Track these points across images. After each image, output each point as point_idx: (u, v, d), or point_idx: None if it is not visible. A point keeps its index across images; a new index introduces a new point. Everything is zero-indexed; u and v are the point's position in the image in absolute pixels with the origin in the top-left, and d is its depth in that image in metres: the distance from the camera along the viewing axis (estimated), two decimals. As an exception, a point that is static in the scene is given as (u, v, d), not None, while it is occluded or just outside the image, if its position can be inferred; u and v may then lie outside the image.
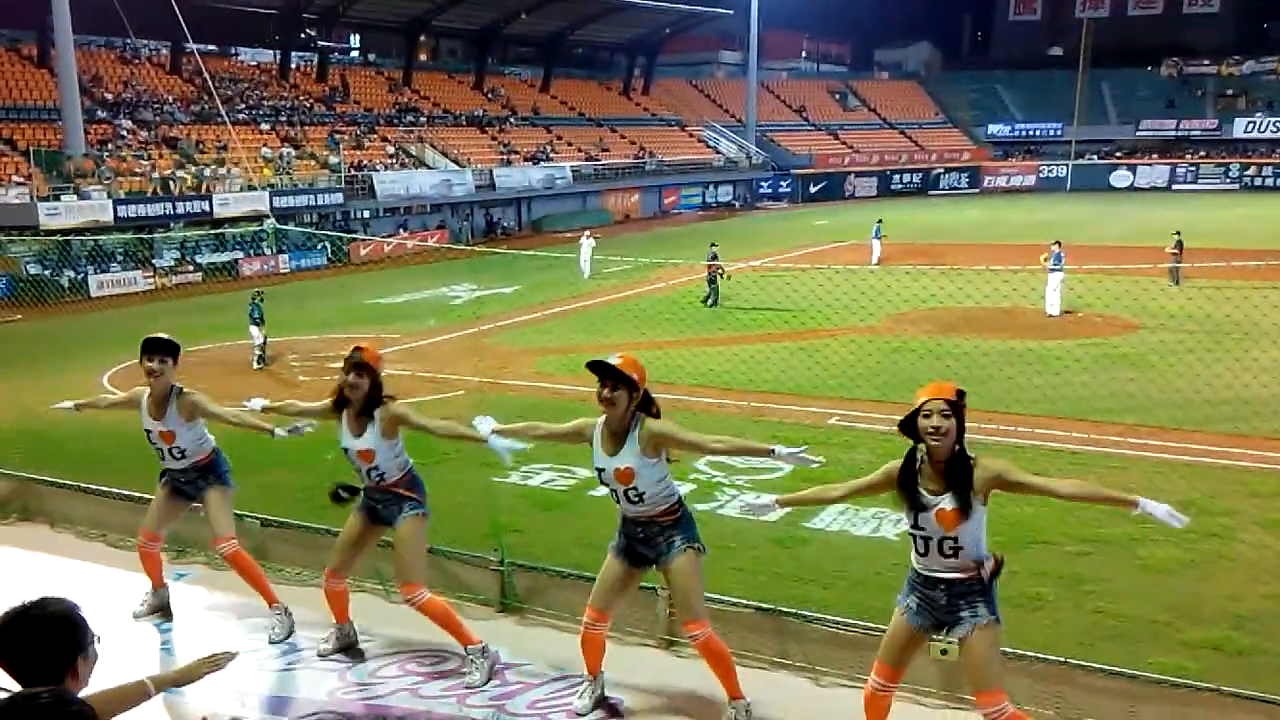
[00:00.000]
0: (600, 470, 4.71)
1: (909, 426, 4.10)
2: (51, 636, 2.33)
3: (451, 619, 5.37)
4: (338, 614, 5.66)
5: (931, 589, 4.16)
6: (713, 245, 21.06)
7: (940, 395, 4.03)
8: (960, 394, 4.09)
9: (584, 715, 4.93)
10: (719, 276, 20.15)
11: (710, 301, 20.24)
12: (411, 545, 5.34)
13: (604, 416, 4.67)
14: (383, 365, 5.35)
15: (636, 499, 4.66)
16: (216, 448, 5.98)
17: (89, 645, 2.40)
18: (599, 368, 4.60)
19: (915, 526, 4.12)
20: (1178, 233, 22.22)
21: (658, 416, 4.67)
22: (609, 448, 4.65)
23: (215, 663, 2.72)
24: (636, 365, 4.64)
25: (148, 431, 5.79)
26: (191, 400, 5.71)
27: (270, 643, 5.75)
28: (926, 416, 4.00)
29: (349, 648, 5.65)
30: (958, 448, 4.05)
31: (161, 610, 6.18)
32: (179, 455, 5.81)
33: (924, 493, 4.07)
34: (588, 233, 25.92)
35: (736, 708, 4.79)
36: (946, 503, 4.02)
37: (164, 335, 5.78)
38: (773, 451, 4.62)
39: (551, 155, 43.35)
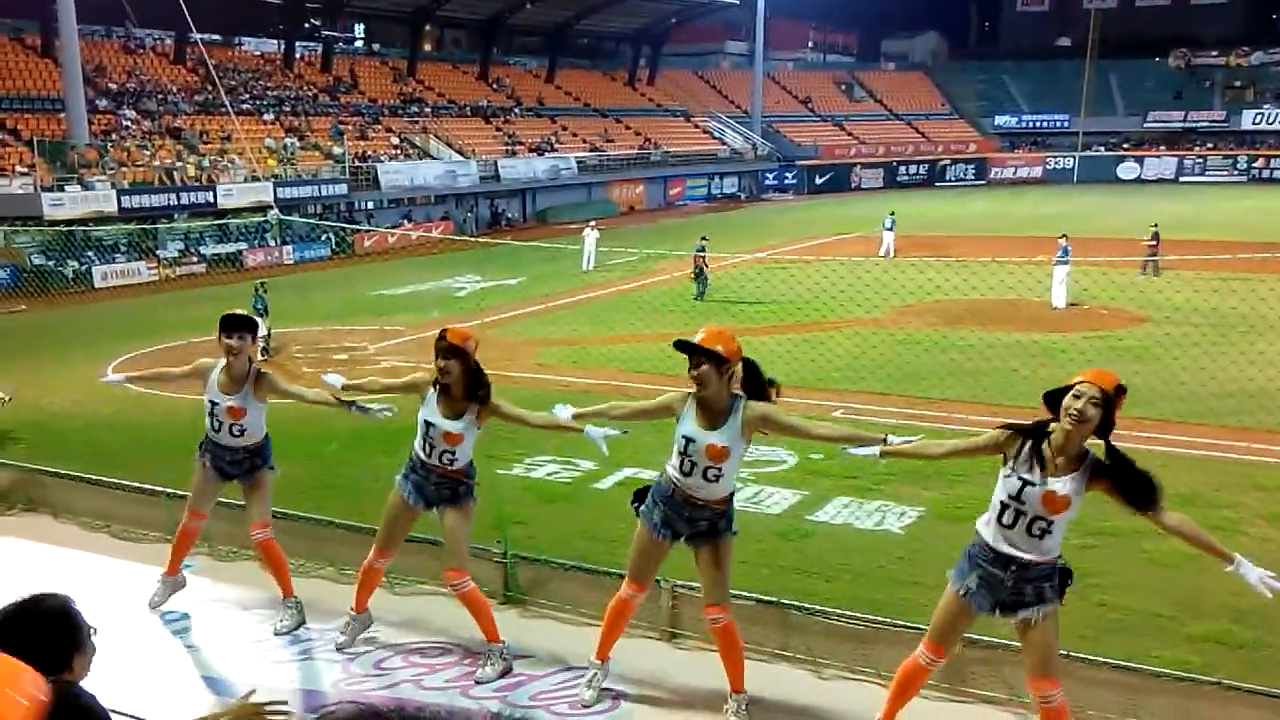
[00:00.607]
0: (689, 440, 4.54)
1: (1053, 400, 3.97)
2: (49, 632, 2.34)
3: (486, 610, 5.37)
4: (360, 601, 5.59)
5: (1001, 568, 4.05)
6: (703, 239, 20.84)
7: (1098, 383, 3.89)
8: (1120, 389, 3.92)
9: (590, 706, 4.91)
10: (705, 269, 20.08)
11: (698, 294, 20.19)
12: (464, 530, 5.33)
13: (694, 391, 4.57)
14: (474, 345, 5.20)
15: (715, 478, 4.57)
16: (268, 434, 5.97)
17: (86, 640, 2.42)
18: (683, 346, 4.52)
19: (1014, 497, 3.98)
20: (1155, 225, 22.36)
21: (769, 399, 4.59)
22: (705, 422, 4.54)
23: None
24: (723, 337, 4.52)
25: (212, 404, 5.74)
26: (270, 380, 5.73)
27: (275, 634, 5.77)
28: (1077, 398, 3.88)
29: (358, 637, 5.64)
30: (1104, 445, 3.93)
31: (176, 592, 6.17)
32: (239, 433, 5.77)
33: (1038, 471, 3.95)
34: (592, 224, 25.88)
35: (738, 700, 4.79)
36: (1061, 487, 3.92)
37: (241, 312, 5.82)
38: (885, 439, 4.42)
39: (556, 146, 43.27)
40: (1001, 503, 4.05)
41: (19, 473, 8.05)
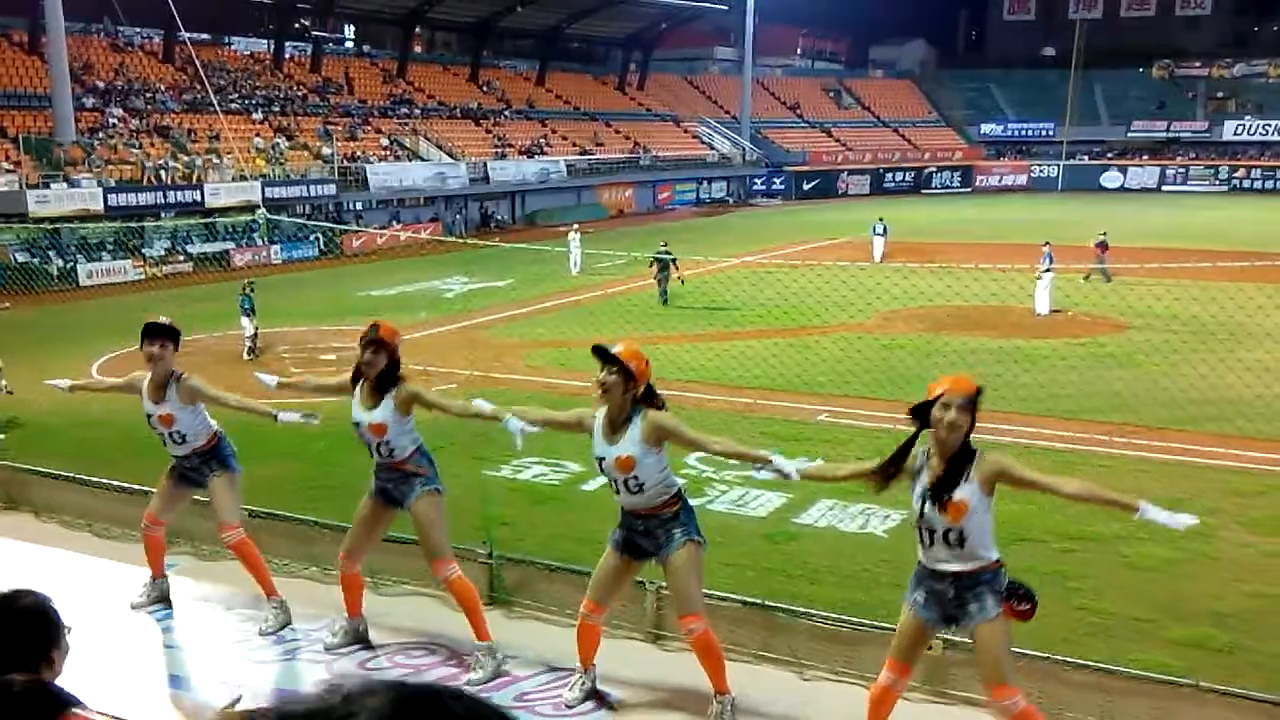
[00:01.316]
0: (600, 459, 4.70)
1: (921, 413, 4.09)
2: (24, 630, 2.35)
3: (476, 606, 5.37)
4: (350, 605, 5.58)
5: (939, 581, 4.14)
6: (663, 244, 20.58)
7: (961, 390, 4.02)
8: (978, 390, 4.09)
9: (573, 707, 4.95)
10: (670, 274, 19.93)
11: (663, 299, 20.02)
12: (432, 522, 5.33)
13: (604, 407, 4.68)
14: (399, 341, 5.35)
15: (637, 489, 4.66)
16: (219, 433, 5.93)
17: (62, 638, 2.42)
18: (599, 353, 4.62)
19: (920, 518, 4.11)
20: (1103, 232, 22.74)
21: (662, 409, 4.69)
22: (609, 436, 4.65)
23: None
24: (638, 356, 4.65)
25: (148, 415, 5.78)
26: (190, 385, 5.70)
27: (260, 634, 5.76)
28: (945, 408, 3.99)
29: (356, 642, 5.59)
30: (961, 444, 4.06)
31: (162, 600, 6.16)
32: (179, 440, 5.78)
33: (927, 484, 4.07)
34: (575, 227, 25.87)
35: (722, 702, 4.82)
36: (955, 494, 4.01)
37: (164, 320, 5.80)
38: (770, 461, 4.59)
39: (546, 149, 43.29)
40: (915, 526, 4.19)
41: (0, 471, 8.00)
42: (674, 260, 19.94)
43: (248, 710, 2.42)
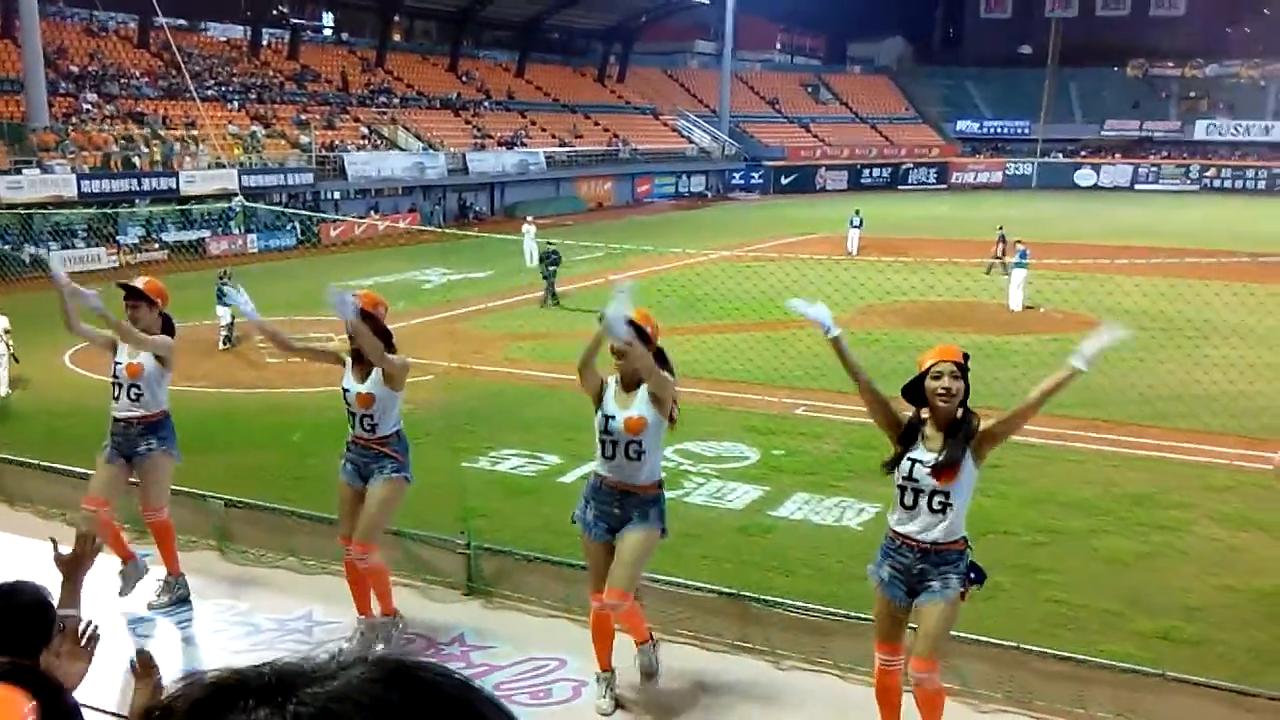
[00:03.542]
0: (609, 418, 4.70)
1: (914, 391, 4.14)
2: (23, 621, 2.36)
3: (386, 586, 5.46)
4: (358, 600, 5.49)
5: (908, 554, 4.17)
6: (549, 244, 19.89)
7: (950, 357, 4.10)
8: (966, 356, 4.17)
9: (608, 715, 4.88)
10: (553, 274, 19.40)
11: (549, 300, 19.47)
12: (383, 505, 5.30)
13: (617, 373, 4.74)
14: (384, 310, 5.35)
15: (636, 455, 4.67)
16: (168, 412, 5.94)
17: (56, 630, 2.44)
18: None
19: (908, 478, 4.12)
20: (1001, 227, 23.40)
21: (671, 373, 4.77)
22: (622, 399, 4.72)
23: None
24: (649, 318, 4.76)
25: (116, 364, 5.81)
26: (167, 340, 5.81)
27: (148, 607, 5.79)
28: (937, 378, 4.06)
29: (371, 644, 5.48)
30: (961, 409, 4.11)
31: (183, 600, 6.05)
32: (134, 397, 5.77)
33: (923, 448, 4.12)
34: (530, 219, 25.77)
35: (644, 651, 4.98)
36: (944, 457, 4.07)
37: (136, 283, 5.88)
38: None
39: (525, 140, 43.13)
40: (899, 486, 4.19)
41: (-27, 459, 7.92)
42: (559, 259, 19.31)
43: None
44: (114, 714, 3.03)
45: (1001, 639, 5.06)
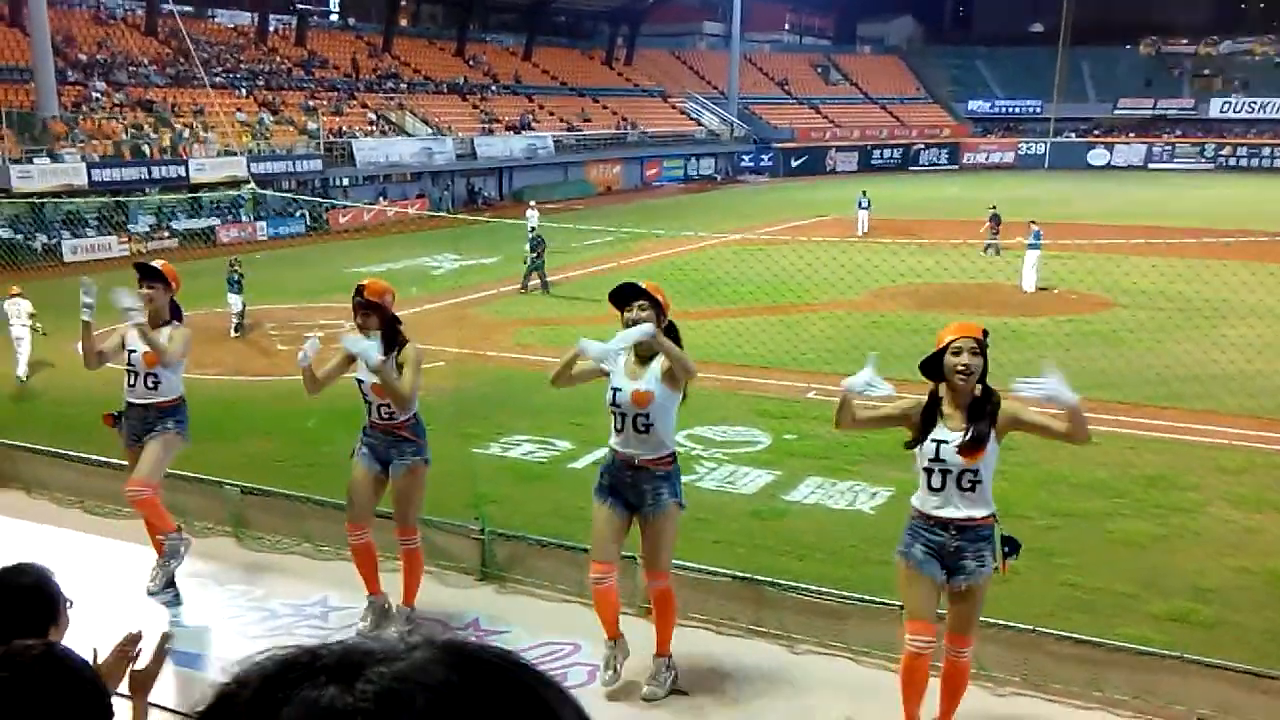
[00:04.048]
0: (616, 390, 4.65)
1: (932, 367, 4.11)
2: (26, 604, 2.37)
3: (419, 577, 5.57)
4: (368, 580, 5.52)
5: (940, 532, 4.13)
6: (532, 230, 19.57)
7: (969, 334, 4.06)
8: (986, 333, 4.14)
9: (611, 686, 4.83)
10: (538, 262, 19.08)
11: (528, 286, 19.23)
12: (412, 492, 5.40)
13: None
14: (390, 299, 5.32)
15: (645, 428, 4.63)
16: (183, 396, 5.95)
17: (62, 612, 2.45)
18: (626, 290, 4.61)
19: (935, 459, 4.08)
20: (993, 206, 23.10)
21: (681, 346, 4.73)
22: (632, 371, 4.67)
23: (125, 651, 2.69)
24: (660, 289, 4.71)
25: (131, 352, 5.77)
26: (186, 333, 5.84)
27: (148, 594, 5.79)
28: (956, 354, 4.02)
29: (381, 624, 5.51)
30: (980, 386, 4.08)
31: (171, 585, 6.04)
32: (151, 384, 5.77)
33: (945, 428, 4.08)
34: (532, 204, 25.74)
35: (659, 665, 4.87)
36: (971, 435, 4.04)
37: (155, 263, 5.86)
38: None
39: (533, 124, 43.01)
40: (925, 469, 4.15)
41: (-10, 448, 7.97)
42: (543, 242, 19.04)
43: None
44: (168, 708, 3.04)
45: (1017, 622, 5.05)
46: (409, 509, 5.44)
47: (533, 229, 19.57)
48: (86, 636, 2.54)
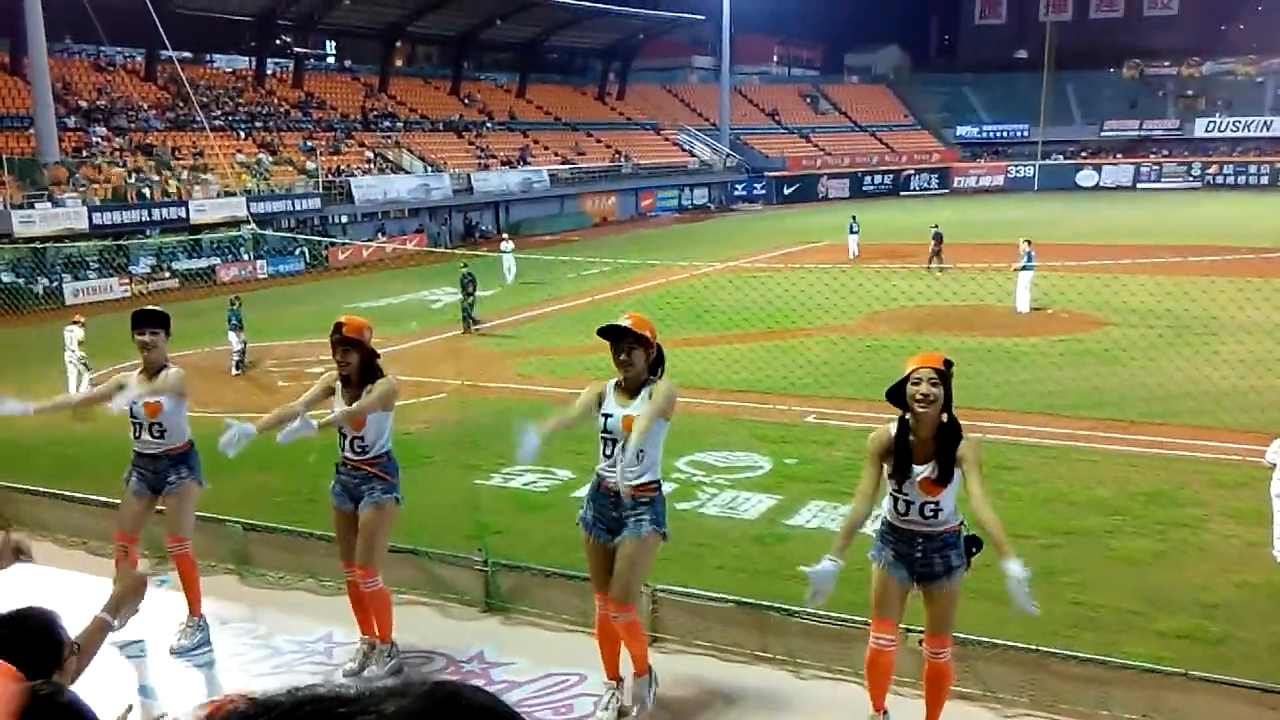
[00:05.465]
0: (606, 416, 4.70)
1: (897, 395, 4.21)
2: (31, 646, 2.38)
3: (388, 613, 5.41)
4: (361, 621, 5.47)
5: (908, 543, 4.32)
6: (464, 266, 19.33)
7: (929, 364, 4.16)
8: (948, 363, 4.22)
9: None
10: (471, 298, 18.84)
11: (467, 323, 18.90)
12: (376, 529, 5.28)
13: (617, 377, 4.76)
14: (369, 335, 5.32)
15: (635, 455, 4.63)
16: (192, 440, 5.89)
17: (68, 656, 2.45)
18: (613, 331, 4.65)
19: (899, 491, 4.27)
20: (936, 225, 24.06)
21: (661, 375, 4.77)
22: (622, 399, 4.72)
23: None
24: (647, 323, 4.74)
25: (131, 403, 5.69)
26: (181, 374, 5.71)
27: (170, 651, 5.67)
28: (915, 384, 4.12)
29: (365, 664, 5.45)
30: (945, 417, 4.16)
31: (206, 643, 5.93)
32: (158, 433, 5.70)
33: (911, 459, 4.21)
34: (505, 237, 25.87)
35: (640, 684, 4.90)
36: (930, 471, 4.17)
37: (154, 307, 5.78)
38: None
39: (528, 159, 43.36)
40: (891, 495, 4.33)
41: (-8, 491, 7.97)
42: (474, 280, 18.86)
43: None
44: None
45: (1022, 642, 5.05)
46: (372, 546, 5.26)
47: (464, 265, 19.22)
48: (86, 680, 2.56)
